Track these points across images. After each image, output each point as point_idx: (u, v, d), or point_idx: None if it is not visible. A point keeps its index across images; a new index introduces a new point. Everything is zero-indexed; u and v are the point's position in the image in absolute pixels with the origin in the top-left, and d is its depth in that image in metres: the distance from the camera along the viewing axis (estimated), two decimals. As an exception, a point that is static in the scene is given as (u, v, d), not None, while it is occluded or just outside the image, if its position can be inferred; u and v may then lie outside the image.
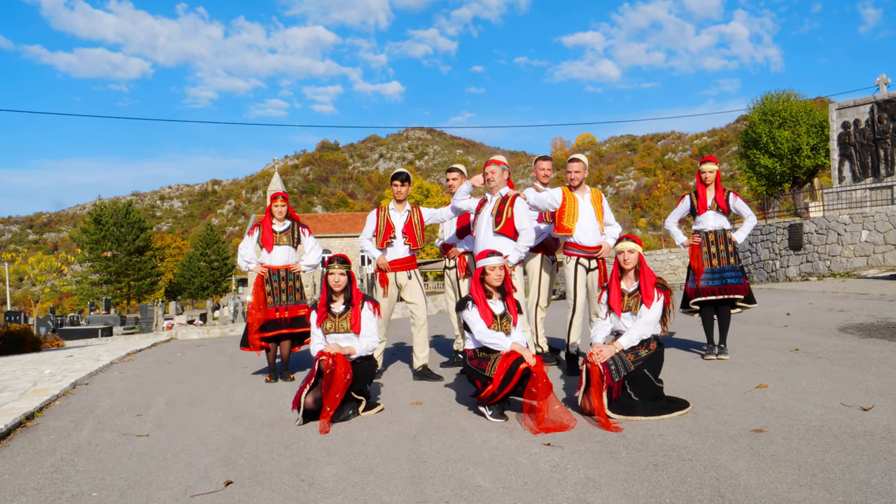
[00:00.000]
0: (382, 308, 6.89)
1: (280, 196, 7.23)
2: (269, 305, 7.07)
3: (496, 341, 5.05)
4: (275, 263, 7.14)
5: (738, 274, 6.99)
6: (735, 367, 6.54)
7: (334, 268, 5.41)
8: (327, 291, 5.47)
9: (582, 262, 6.73)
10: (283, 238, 7.20)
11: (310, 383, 5.07)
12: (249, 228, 7.34)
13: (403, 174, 6.92)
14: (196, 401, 6.40)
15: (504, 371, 4.86)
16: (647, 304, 5.08)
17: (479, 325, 5.11)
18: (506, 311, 5.24)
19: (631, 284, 5.24)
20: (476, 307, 5.17)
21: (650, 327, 5.07)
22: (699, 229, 7.14)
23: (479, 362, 5.10)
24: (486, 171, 6.34)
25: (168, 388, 7.21)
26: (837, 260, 20.38)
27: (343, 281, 5.42)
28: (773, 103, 34.97)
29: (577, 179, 6.71)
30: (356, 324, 5.40)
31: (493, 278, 5.20)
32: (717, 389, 5.65)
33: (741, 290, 6.95)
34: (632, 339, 5.03)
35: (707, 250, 7.06)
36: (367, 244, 6.99)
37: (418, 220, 6.98)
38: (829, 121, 30.86)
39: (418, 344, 6.90)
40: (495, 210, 6.23)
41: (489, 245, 6.08)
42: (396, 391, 6.31)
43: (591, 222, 6.72)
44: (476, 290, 5.23)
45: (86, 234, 62.88)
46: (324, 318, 5.45)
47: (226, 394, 6.67)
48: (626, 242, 5.26)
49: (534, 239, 6.29)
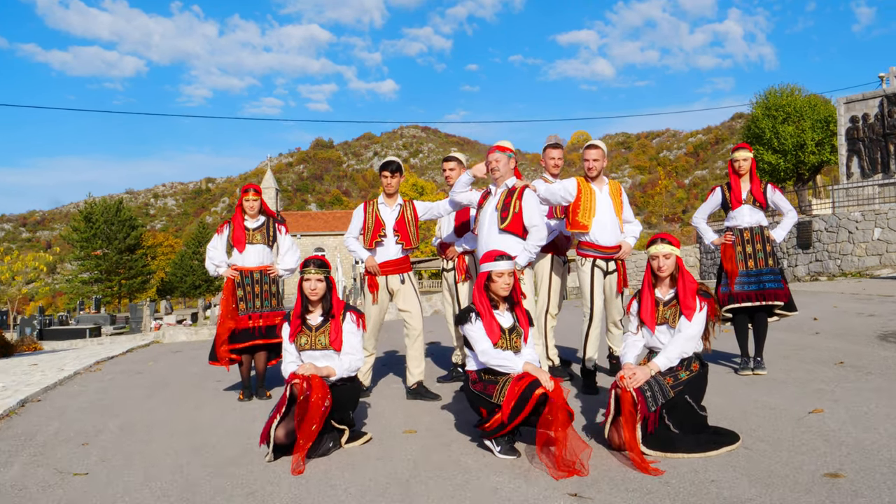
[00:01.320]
0: (371, 317, 6.02)
1: (252, 188, 6.32)
2: (240, 313, 6.18)
3: (505, 362, 4.19)
4: (247, 265, 6.24)
5: (777, 277, 6.14)
6: (776, 384, 5.69)
7: (310, 272, 4.52)
8: (302, 300, 4.59)
9: (599, 265, 5.88)
10: (257, 236, 6.30)
11: (280, 412, 4.19)
12: (219, 226, 6.43)
13: (394, 163, 6.01)
14: (155, 424, 5.52)
15: (515, 397, 4.00)
16: (687, 315, 4.19)
17: (483, 343, 4.25)
18: (515, 324, 4.38)
19: (667, 292, 4.36)
20: (480, 320, 4.31)
21: (691, 344, 4.19)
22: (732, 226, 6.27)
23: (484, 386, 4.24)
24: (490, 158, 5.45)
25: (127, 407, 6.32)
26: (849, 259, 19.63)
27: (320, 288, 4.53)
28: (776, 98, 34.10)
29: (595, 168, 5.85)
30: (336, 339, 4.52)
31: (500, 286, 4.33)
32: (763, 414, 4.80)
33: (781, 296, 6.10)
34: (670, 358, 4.15)
35: (742, 250, 6.20)
36: (353, 244, 6.10)
37: (412, 216, 6.09)
38: (835, 115, 30.20)
39: (413, 358, 6.02)
40: (500, 204, 5.35)
41: (493, 244, 5.21)
42: (387, 415, 5.43)
43: (609, 218, 5.87)
44: (480, 299, 4.37)
45: (76, 232, 61.85)
46: (298, 331, 4.57)
47: (190, 415, 5.79)
48: (660, 245, 4.32)
49: (545, 237, 5.41)
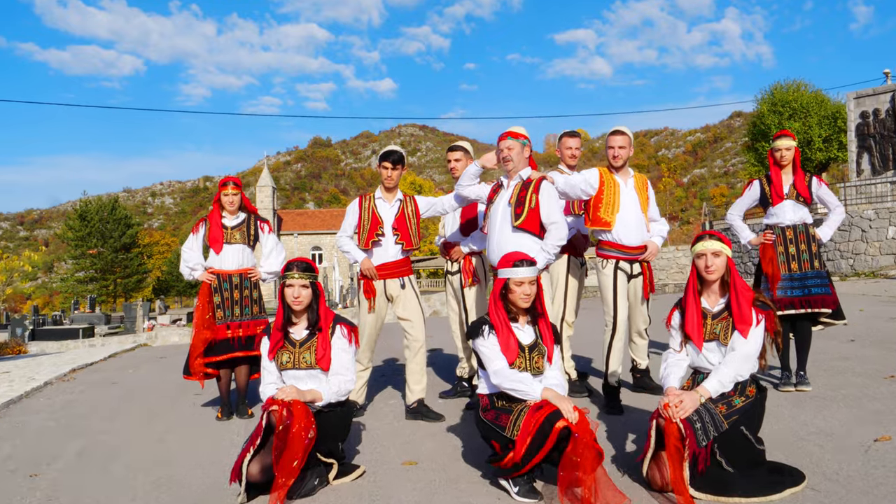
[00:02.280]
0: (367, 327, 5.33)
1: (231, 181, 5.61)
2: (218, 322, 5.47)
3: (521, 387, 3.50)
4: (225, 267, 5.54)
5: (823, 281, 5.43)
6: (826, 403, 5.00)
7: (293, 277, 3.83)
8: (284, 310, 3.90)
9: (622, 267, 5.19)
10: (236, 235, 5.59)
11: (255, 445, 3.49)
12: (195, 224, 5.72)
13: (396, 153, 5.29)
14: (117, 450, 4.83)
15: (531, 432, 3.30)
16: (741, 330, 3.49)
17: (497, 363, 3.56)
18: (537, 341, 3.69)
19: (716, 302, 3.66)
20: (495, 335, 3.62)
21: (748, 365, 3.49)
22: (773, 224, 5.57)
23: (496, 415, 3.55)
24: (501, 146, 4.75)
25: (91, 428, 5.62)
26: (862, 258, 19.01)
27: (305, 296, 3.84)
28: (782, 94, 33.42)
29: (620, 158, 5.16)
30: (324, 357, 3.82)
31: (519, 296, 3.64)
32: (821, 442, 4.11)
33: (828, 303, 5.38)
34: (723, 381, 3.45)
35: (784, 251, 5.50)
36: (346, 243, 5.37)
37: (413, 213, 5.38)
38: (843, 111, 29.50)
39: (413, 373, 5.31)
40: (514, 198, 4.65)
41: (507, 245, 4.52)
42: (383, 440, 4.74)
43: (634, 215, 5.18)
44: (496, 311, 3.67)
45: (71, 230, 61.15)
46: (279, 347, 3.88)
47: (160, 439, 5.09)
48: (709, 241, 3.61)
49: (566, 236, 4.70)
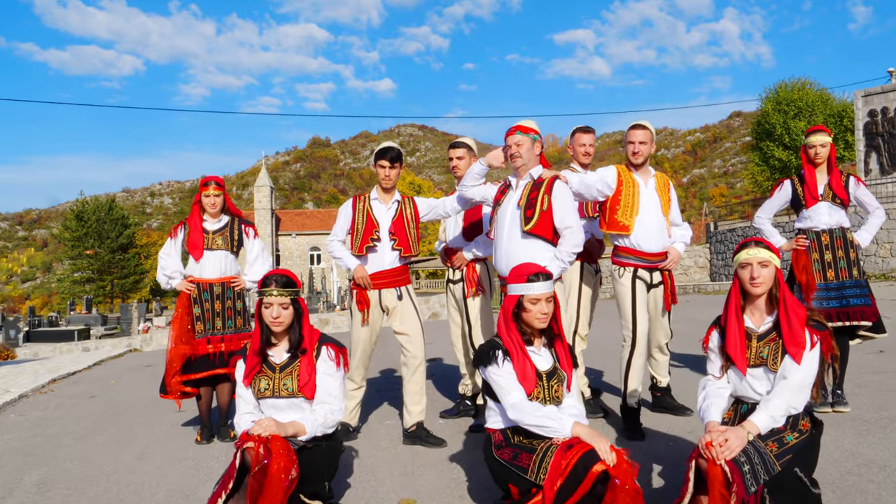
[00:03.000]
0: (361, 342, 4.83)
1: (213, 181, 5.10)
2: (198, 335, 4.98)
3: (547, 422, 3.00)
4: (206, 276, 5.04)
5: (863, 291, 4.94)
6: (869, 427, 4.50)
7: (271, 294, 3.32)
8: (262, 330, 3.40)
9: (641, 276, 4.70)
10: (218, 240, 5.09)
11: (227, 488, 2.99)
12: (173, 228, 5.21)
13: (393, 150, 4.77)
14: (80, 481, 4.33)
15: (563, 475, 2.80)
16: (794, 354, 2.98)
17: (514, 395, 3.07)
18: (556, 367, 3.20)
19: (762, 320, 3.15)
20: (510, 362, 3.13)
21: (802, 396, 2.98)
22: (807, 228, 5.08)
23: (514, 454, 3.05)
24: (509, 142, 4.25)
25: (58, 452, 5.11)
26: (872, 260, 18.62)
27: (285, 316, 3.33)
28: (787, 92, 32.94)
29: (641, 154, 4.66)
30: (308, 383, 3.32)
31: (535, 316, 3.14)
32: (872, 476, 3.62)
33: (868, 314, 4.89)
34: (774, 415, 2.94)
35: (819, 258, 5.01)
36: (338, 249, 4.86)
37: (412, 216, 4.87)
38: (849, 110, 29.02)
39: (412, 393, 4.81)
40: (524, 200, 4.15)
41: (516, 252, 4.02)
42: (377, 471, 4.23)
43: (655, 219, 4.69)
44: (509, 334, 3.18)
45: (68, 230, 60.76)
46: (256, 372, 3.39)
47: (129, 467, 4.58)
48: (755, 248, 3.08)
49: (582, 241, 4.19)
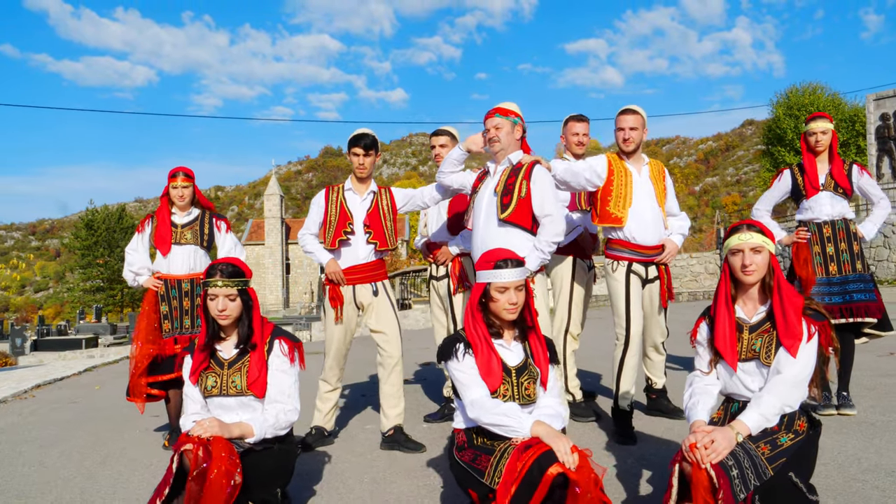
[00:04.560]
0: (335, 341, 4.58)
1: (181, 172, 4.87)
2: (165, 335, 4.74)
3: (505, 420, 2.73)
4: (174, 272, 4.80)
5: (867, 286, 4.64)
6: (876, 431, 4.21)
7: (216, 285, 3.06)
8: (208, 324, 3.14)
9: (636, 270, 4.43)
10: (187, 234, 4.86)
11: (162, 496, 2.73)
12: (140, 222, 4.97)
13: (367, 137, 4.51)
14: (34, 489, 4.08)
15: (518, 478, 2.53)
16: (788, 346, 2.70)
17: (474, 391, 2.80)
18: (527, 362, 2.93)
19: (755, 310, 2.88)
20: (472, 356, 2.86)
21: (798, 392, 2.69)
22: (807, 220, 4.80)
23: (474, 456, 2.78)
24: (488, 125, 4.00)
25: (19, 460, 4.84)
26: (885, 265, 18.32)
27: (232, 309, 3.07)
28: (798, 97, 32.60)
29: (632, 140, 4.39)
30: (257, 381, 3.06)
31: (504, 306, 2.87)
32: (879, 483, 3.32)
33: (873, 310, 4.59)
34: (766, 414, 2.65)
35: (821, 251, 4.72)
36: (310, 242, 4.61)
37: (388, 207, 4.62)
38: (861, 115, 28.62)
39: (389, 396, 4.56)
40: (501, 186, 3.89)
41: (492, 241, 3.76)
42: (348, 478, 3.96)
43: (650, 209, 4.41)
44: (474, 325, 2.91)
45: (78, 239, 60.94)
46: (204, 368, 3.13)
47: (89, 474, 4.32)
48: (747, 233, 2.81)
49: (563, 231, 3.92)
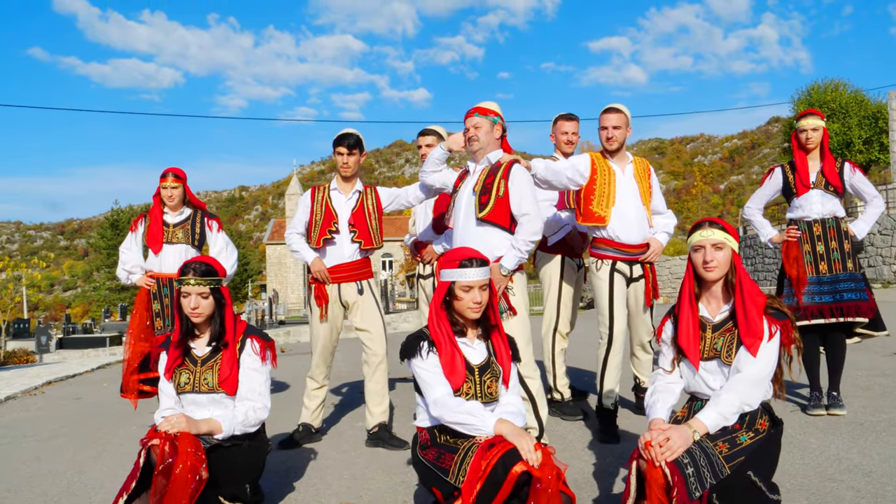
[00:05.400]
0: (321, 339, 4.62)
1: (171, 172, 4.94)
2: (157, 332, 4.82)
3: (468, 419, 2.75)
4: (166, 270, 4.87)
5: (858, 285, 4.59)
6: (864, 431, 4.17)
7: (188, 282, 3.12)
8: (182, 321, 3.20)
9: (620, 269, 4.42)
10: (178, 234, 4.93)
11: (128, 489, 2.79)
12: (133, 221, 5.06)
13: (352, 136, 4.54)
14: (24, 482, 4.17)
15: (482, 477, 2.56)
16: (749, 345, 2.69)
17: (437, 390, 2.82)
18: (490, 360, 2.95)
19: (718, 309, 2.88)
20: (436, 354, 2.89)
21: (758, 390, 2.69)
22: (798, 218, 4.76)
23: (438, 454, 2.80)
24: (467, 124, 4.01)
25: (11, 456, 4.95)
26: (882, 269, 18.05)
27: (204, 307, 3.13)
28: (819, 94, 32.08)
29: (615, 140, 4.38)
30: (228, 378, 3.11)
31: (468, 305, 2.89)
32: (856, 484, 3.30)
33: (864, 310, 4.54)
34: (724, 413, 2.65)
35: (811, 249, 4.68)
36: (296, 241, 4.64)
37: (373, 206, 4.65)
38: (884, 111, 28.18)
39: (373, 393, 4.58)
40: (480, 185, 3.90)
41: (471, 241, 3.77)
42: (327, 474, 4.00)
43: (633, 208, 4.39)
44: (438, 323, 2.93)
45: (103, 239, 61.63)
46: (177, 364, 3.18)
47: (80, 468, 4.40)
48: (708, 229, 2.81)
49: (540, 230, 3.89)
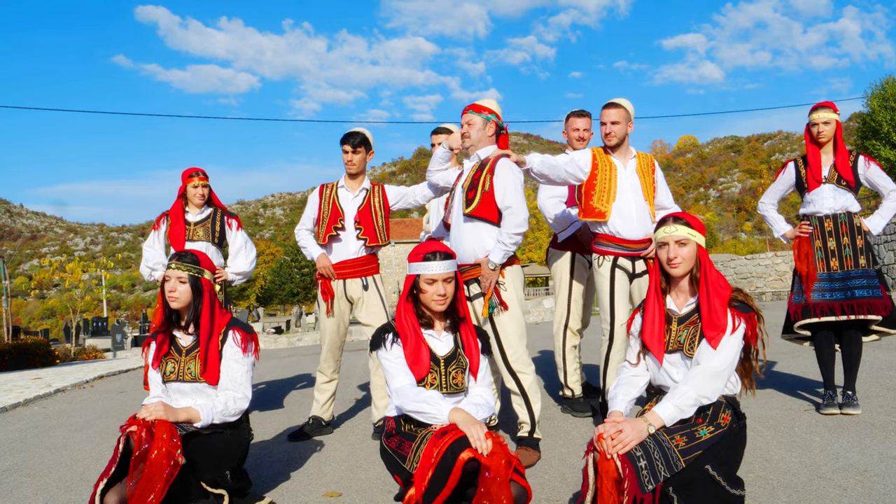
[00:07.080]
0: (328, 333, 4.74)
1: (199, 172, 5.17)
2: (177, 327, 5.02)
3: (424, 407, 2.81)
4: (186, 268, 5.09)
5: (871, 282, 4.43)
6: (873, 430, 4.04)
7: (170, 267, 3.27)
8: (164, 309, 3.34)
9: (622, 265, 4.39)
10: (199, 231, 5.15)
11: (108, 474, 2.92)
12: (156, 220, 5.28)
13: (357, 135, 4.65)
14: (44, 469, 4.44)
15: (433, 465, 2.61)
16: (710, 338, 2.67)
17: (398, 380, 2.89)
18: (457, 352, 3.00)
19: (685, 302, 2.87)
20: (400, 346, 2.96)
21: (716, 383, 2.67)
22: (810, 213, 4.63)
23: (399, 443, 2.86)
24: (462, 121, 4.07)
25: (41, 444, 5.22)
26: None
27: (181, 292, 3.26)
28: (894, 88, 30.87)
29: (614, 135, 4.36)
30: (210, 368, 3.25)
31: (432, 297, 2.95)
32: (846, 483, 3.21)
33: (877, 307, 4.38)
34: (681, 406, 2.63)
35: (822, 245, 4.56)
36: (304, 237, 4.81)
37: (380, 204, 4.74)
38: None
39: (378, 387, 4.65)
40: (468, 181, 3.96)
41: (461, 237, 3.88)
42: (325, 465, 4.12)
43: (635, 203, 4.37)
44: (404, 315, 3.01)
45: (168, 239, 63.65)
46: (164, 354, 3.33)
47: (98, 457, 4.63)
48: (672, 225, 2.81)
49: (525, 221, 3.87)
